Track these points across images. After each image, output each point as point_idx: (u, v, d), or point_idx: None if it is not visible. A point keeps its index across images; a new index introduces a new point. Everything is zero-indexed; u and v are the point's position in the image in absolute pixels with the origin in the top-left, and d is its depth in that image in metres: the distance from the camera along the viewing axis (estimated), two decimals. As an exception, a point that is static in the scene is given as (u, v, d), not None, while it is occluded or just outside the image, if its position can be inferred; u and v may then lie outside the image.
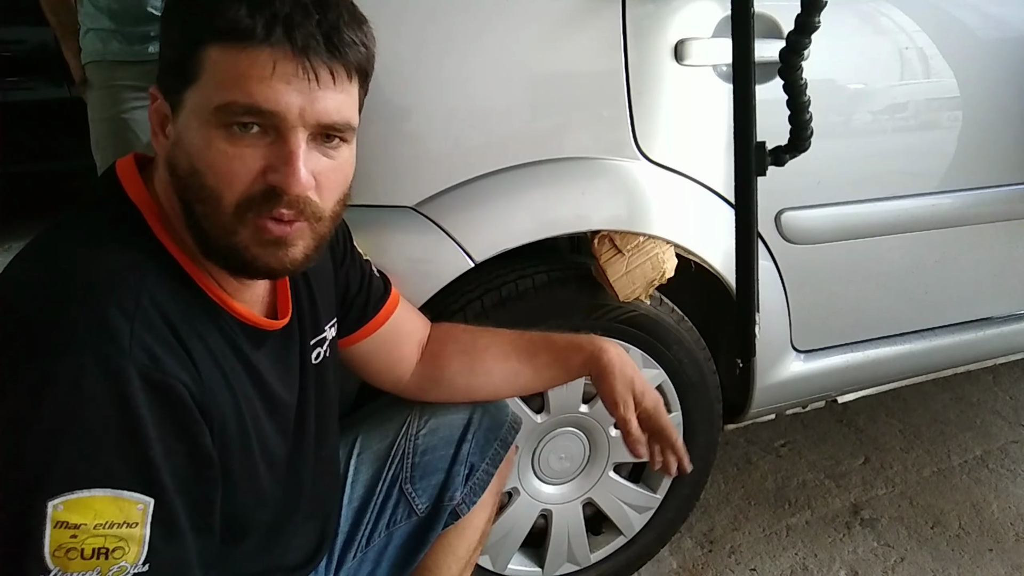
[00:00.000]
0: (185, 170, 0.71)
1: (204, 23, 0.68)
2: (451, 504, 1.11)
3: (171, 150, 0.72)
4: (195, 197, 0.71)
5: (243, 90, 0.68)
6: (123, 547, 0.65)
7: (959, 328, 1.67)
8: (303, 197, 0.71)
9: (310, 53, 0.69)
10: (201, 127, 0.69)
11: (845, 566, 1.66)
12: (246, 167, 0.70)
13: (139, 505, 0.66)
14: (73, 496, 0.63)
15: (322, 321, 0.96)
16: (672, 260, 1.27)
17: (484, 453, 1.13)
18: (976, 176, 1.55)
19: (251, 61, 0.67)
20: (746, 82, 1.12)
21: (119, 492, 0.65)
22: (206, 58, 0.68)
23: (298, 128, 0.70)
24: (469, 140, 1.19)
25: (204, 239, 0.73)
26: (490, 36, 1.17)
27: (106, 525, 0.64)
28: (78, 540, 0.63)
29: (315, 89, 0.70)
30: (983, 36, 1.53)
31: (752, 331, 1.27)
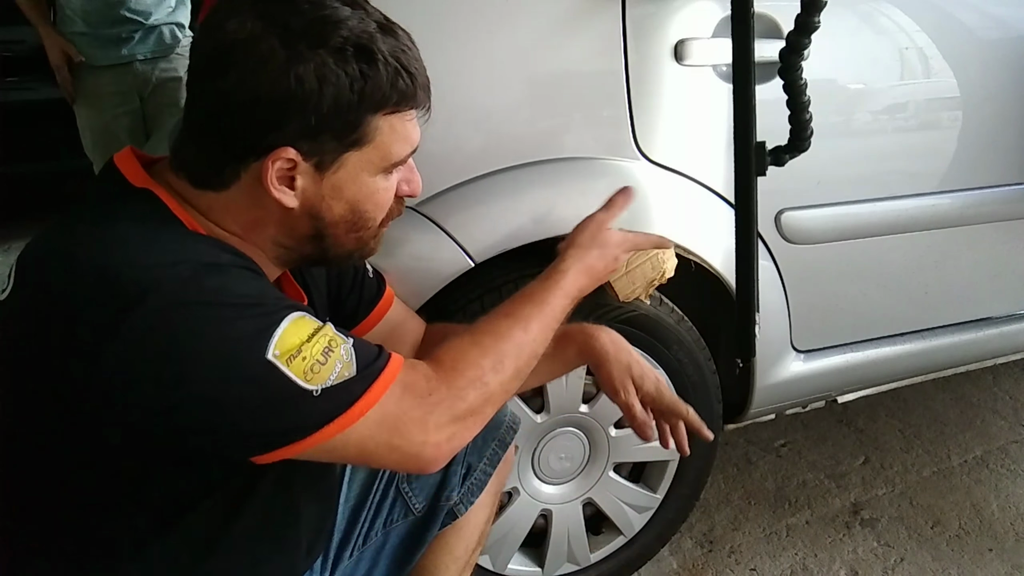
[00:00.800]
0: (343, 213, 0.82)
1: (378, 98, 0.77)
2: (448, 504, 1.11)
3: (317, 201, 0.80)
4: (351, 229, 0.84)
5: (411, 143, 0.83)
6: (331, 341, 0.74)
7: (959, 328, 1.67)
8: None
9: (430, 96, 0.84)
10: (369, 178, 0.81)
11: (845, 566, 1.66)
12: (393, 192, 0.86)
13: (307, 317, 0.75)
14: (275, 337, 0.71)
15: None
16: (672, 260, 1.27)
17: (482, 453, 1.13)
18: (976, 176, 1.55)
19: (412, 121, 0.82)
20: (746, 82, 1.12)
21: (290, 316, 0.73)
22: (376, 126, 0.78)
23: None
24: (469, 140, 1.19)
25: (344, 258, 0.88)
26: (490, 36, 1.17)
27: (309, 337, 0.73)
28: (307, 358, 0.72)
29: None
30: (983, 36, 1.53)
31: (752, 331, 1.27)
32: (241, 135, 0.76)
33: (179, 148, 0.80)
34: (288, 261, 0.87)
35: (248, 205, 0.79)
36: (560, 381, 1.32)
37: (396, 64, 0.77)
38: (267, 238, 0.83)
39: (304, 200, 0.79)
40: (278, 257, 0.85)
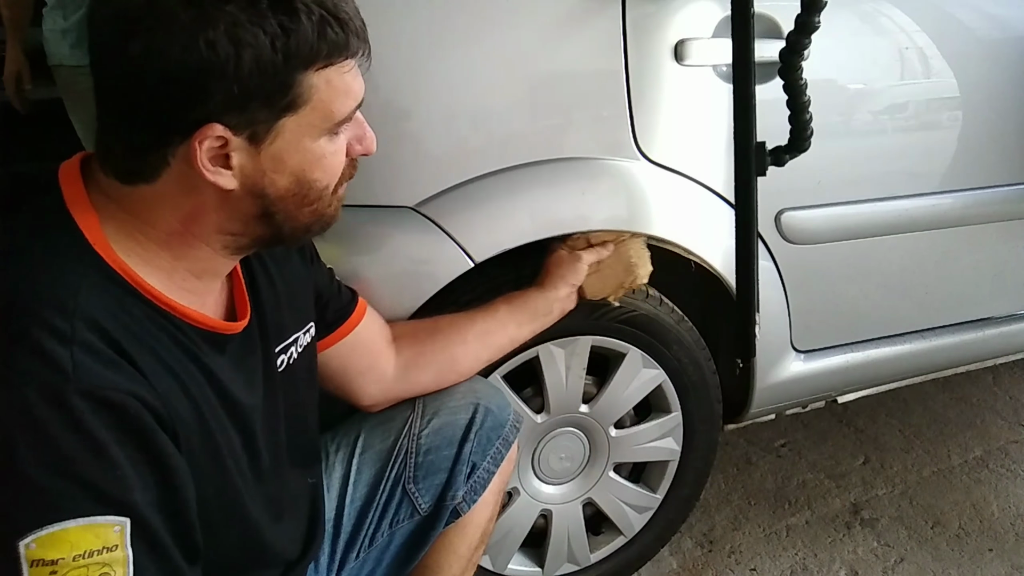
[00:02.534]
0: (288, 185, 0.74)
1: (306, 53, 0.68)
2: (452, 503, 1.11)
3: (258, 178, 0.72)
4: (302, 202, 0.76)
5: (353, 96, 0.74)
6: (109, 572, 0.63)
7: (959, 328, 1.67)
8: None
9: (367, 43, 0.74)
10: (312, 143, 0.73)
11: (845, 566, 1.66)
12: (344, 154, 0.78)
13: (115, 527, 0.64)
14: (43, 532, 0.60)
15: (288, 328, 0.94)
16: (646, 267, 1.25)
17: (486, 452, 1.13)
18: (976, 176, 1.55)
19: (351, 71, 0.73)
20: (746, 82, 1.12)
21: (92, 519, 0.62)
22: (310, 83, 0.70)
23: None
24: (469, 140, 1.19)
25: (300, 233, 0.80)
26: (490, 36, 1.17)
27: (85, 555, 0.62)
28: (59, 575, 0.61)
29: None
30: (983, 36, 1.53)
31: (752, 331, 1.27)
32: (157, 116, 0.67)
33: (98, 140, 0.72)
34: (241, 247, 0.79)
35: (183, 193, 0.71)
36: (560, 381, 1.32)
37: (321, 11, 0.68)
38: (210, 228, 0.74)
39: (244, 179, 0.71)
40: (227, 247, 0.77)
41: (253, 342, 0.88)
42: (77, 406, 0.63)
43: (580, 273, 1.23)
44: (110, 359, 0.66)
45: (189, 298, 0.77)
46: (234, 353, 0.83)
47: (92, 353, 0.65)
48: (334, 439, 1.16)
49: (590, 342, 1.32)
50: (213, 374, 0.79)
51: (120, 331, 0.68)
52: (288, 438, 0.95)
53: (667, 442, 1.45)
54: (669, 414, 1.43)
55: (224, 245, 0.77)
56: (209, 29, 0.64)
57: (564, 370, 1.31)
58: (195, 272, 0.77)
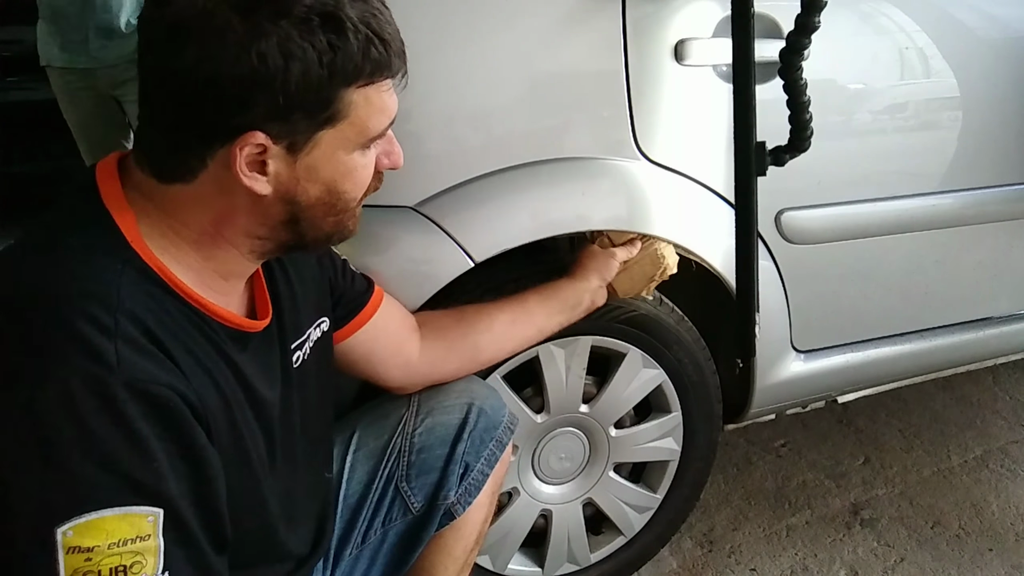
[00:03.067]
0: (320, 194, 0.76)
1: (350, 70, 0.71)
2: (445, 503, 1.11)
3: (292, 185, 0.75)
4: (329, 211, 0.78)
5: (388, 114, 0.77)
6: (140, 560, 0.65)
7: (959, 328, 1.67)
8: None
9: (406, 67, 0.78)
10: (346, 156, 0.76)
11: (845, 566, 1.66)
12: (372, 168, 0.80)
13: (149, 517, 0.66)
14: (81, 520, 0.62)
15: (304, 324, 0.96)
16: (673, 256, 1.27)
17: (479, 453, 1.13)
18: (976, 176, 1.55)
19: (389, 91, 0.76)
20: (746, 82, 1.12)
21: (127, 508, 0.64)
22: (351, 100, 0.73)
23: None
24: (469, 140, 1.19)
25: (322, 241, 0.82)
26: (490, 36, 1.17)
27: (120, 543, 0.64)
28: (93, 563, 0.63)
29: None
30: (983, 36, 1.52)
31: (752, 331, 1.27)
32: (203, 121, 0.69)
33: (139, 139, 0.74)
34: (264, 252, 0.81)
35: (217, 195, 0.73)
36: (560, 381, 1.32)
37: (367, 31, 0.70)
38: (239, 230, 0.77)
39: (278, 185, 0.74)
40: (253, 250, 0.80)
41: (272, 340, 0.90)
42: (120, 398, 0.64)
43: (612, 268, 1.24)
44: (151, 353, 0.68)
45: (217, 297, 0.79)
46: (255, 350, 0.86)
47: (134, 347, 0.67)
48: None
49: (590, 342, 1.32)
50: (239, 369, 0.81)
51: (158, 326, 0.70)
52: (302, 433, 0.96)
53: (667, 442, 1.45)
54: (669, 414, 1.43)
55: (251, 249, 0.80)
56: (262, 41, 0.66)
57: (564, 370, 1.32)
58: (221, 273, 0.80)
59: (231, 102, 0.68)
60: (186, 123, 0.70)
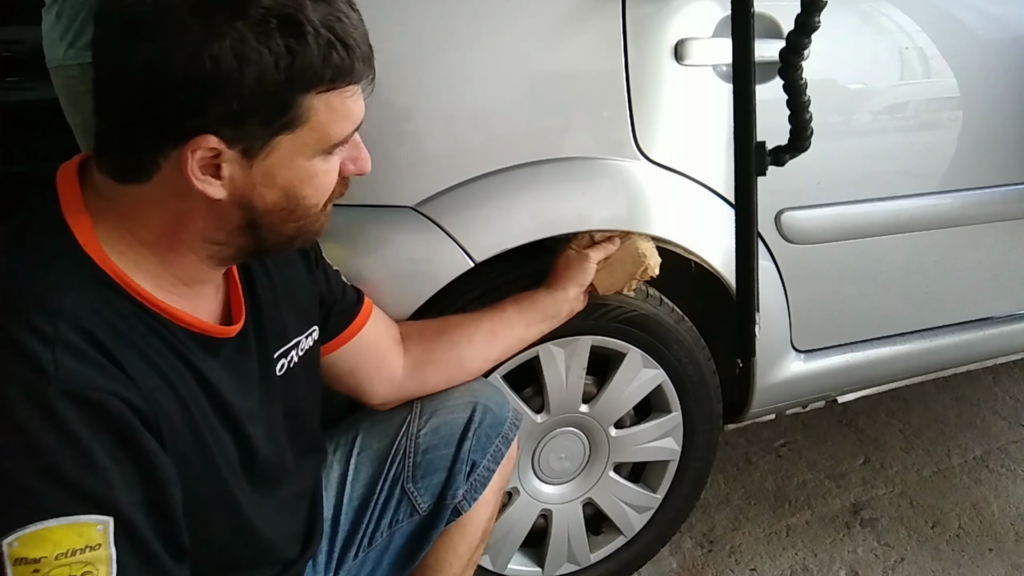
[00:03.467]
0: (277, 200, 0.74)
1: (309, 76, 0.68)
2: (453, 502, 1.11)
3: (248, 190, 0.72)
4: (288, 217, 0.76)
5: (352, 120, 0.75)
6: (91, 571, 0.63)
7: (959, 328, 1.67)
8: None
9: (372, 65, 0.75)
10: (306, 161, 0.74)
11: (845, 566, 1.66)
12: (336, 174, 0.78)
13: (98, 526, 0.64)
14: (27, 531, 0.61)
15: (289, 332, 0.94)
16: (655, 256, 1.25)
17: (486, 450, 1.13)
18: (976, 176, 1.55)
19: (353, 96, 0.74)
20: (746, 82, 1.12)
21: (74, 518, 0.63)
22: (310, 106, 0.70)
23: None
24: (469, 140, 1.19)
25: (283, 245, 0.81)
26: (490, 36, 1.17)
27: (68, 553, 0.62)
28: (42, 574, 0.61)
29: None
30: (983, 36, 1.53)
31: (752, 331, 1.27)
32: (154, 120, 0.67)
33: (96, 137, 0.73)
34: (224, 258, 0.79)
35: (172, 197, 0.71)
36: (560, 381, 1.32)
37: (329, 35, 0.68)
38: (196, 235, 0.75)
39: (232, 190, 0.71)
40: (212, 256, 0.78)
41: (248, 346, 0.88)
42: (59, 407, 0.63)
43: (589, 273, 1.22)
44: (93, 360, 0.67)
45: (179, 302, 0.77)
46: (228, 356, 0.84)
47: (75, 354, 0.65)
48: (332, 438, 1.16)
49: (590, 342, 1.32)
50: (204, 376, 0.79)
51: (107, 332, 0.69)
52: (289, 440, 0.95)
53: (667, 442, 1.45)
54: (669, 414, 1.43)
55: (209, 255, 0.77)
56: (215, 43, 0.64)
57: (564, 370, 1.31)
58: (182, 279, 0.78)
59: (182, 104, 0.66)
60: (138, 121, 0.68)
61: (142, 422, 0.69)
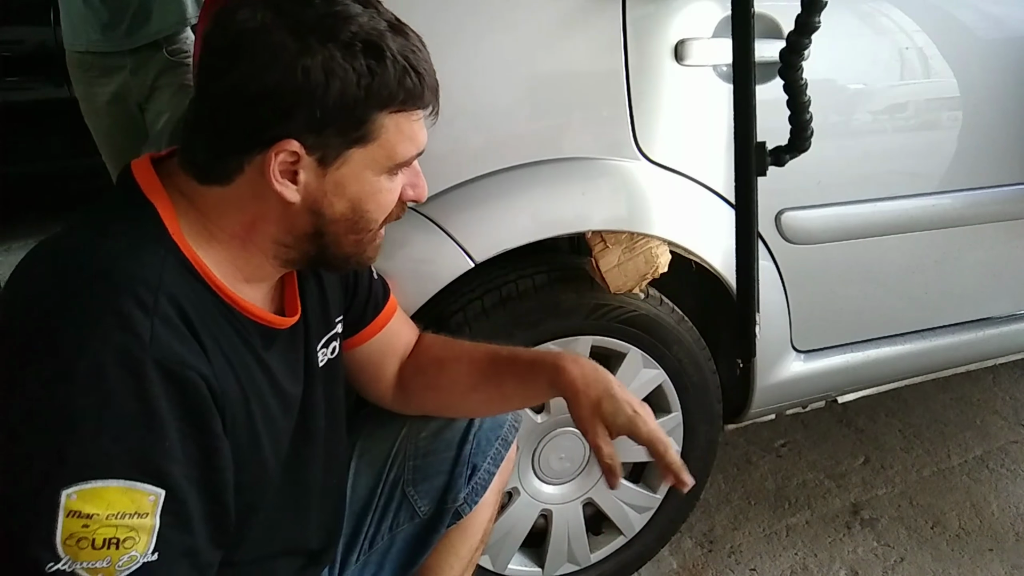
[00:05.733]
0: (344, 211, 0.80)
1: (385, 95, 0.75)
2: (454, 506, 1.11)
3: (319, 197, 0.78)
4: (351, 229, 0.82)
5: (416, 144, 0.81)
6: (134, 537, 0.66)
7: (959, 328, 1.67)
8: None
9: (438, 98, 0.82)
10: (373, 177, 0.80)
11: (845, 566, 1.66)
12: (397, 195, 0.84)
13: (151, 496, 0.67)
14: (88, 486, 0.64)
15: (332, 316, 0.98)
16: (666, 255, 1.27)
17: (486, 453, 1.13)
18: (976, 176, 1.55)
19: (419, 122, 0.81)
20: (746, 82, 1.12)
21: (132, 483, 0.66)
22: (382, 123, 0.77)
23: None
24: (469, 140, 1.19)
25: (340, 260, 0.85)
26: (490, 36, 1.17)
27: (118, 515, 0.65)
28: (90, 530, 0.64)
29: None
30: (983, 36, 1.53)
31: (752, 331, 1.27)
32: (246, 127, 0.74)
33: (186, 141, 0.79)
34: (289, 260, 0.84)
35: (250, 200, 0.78)
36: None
37: (405, 63, 0.76)
38: (268, 236, 0.81)
39: (306, 195, 0.78)
40: (278, 257, 0.83)
41: (298, 338, 0.91)
42: (148, 375, 0.67)
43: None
44: (184, 336, 0.71)
45: (245, 291, 0.82)
46: (281, 347, 0.87)
47: (170, 327, 0.70)
48: None
49: (590, 342, 1.32)
50: (267, 365, 0.84)
51: (193, 311, 0.73)
52: (326, 429, 0.97)
53: (667, 442, 1.45)
54: (669, 414, 1.43)
55: (275, 255, 0.83)
56: (308, 58, 0.72)
57: (564, 370, 1.31)
58: (246, 276, 0.82)
59: (273, 112, 0.73)
60: (231, 129, 0.75)
61: (214, 402, 0.73)
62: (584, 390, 0.97)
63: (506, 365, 1.05)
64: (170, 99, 2.35)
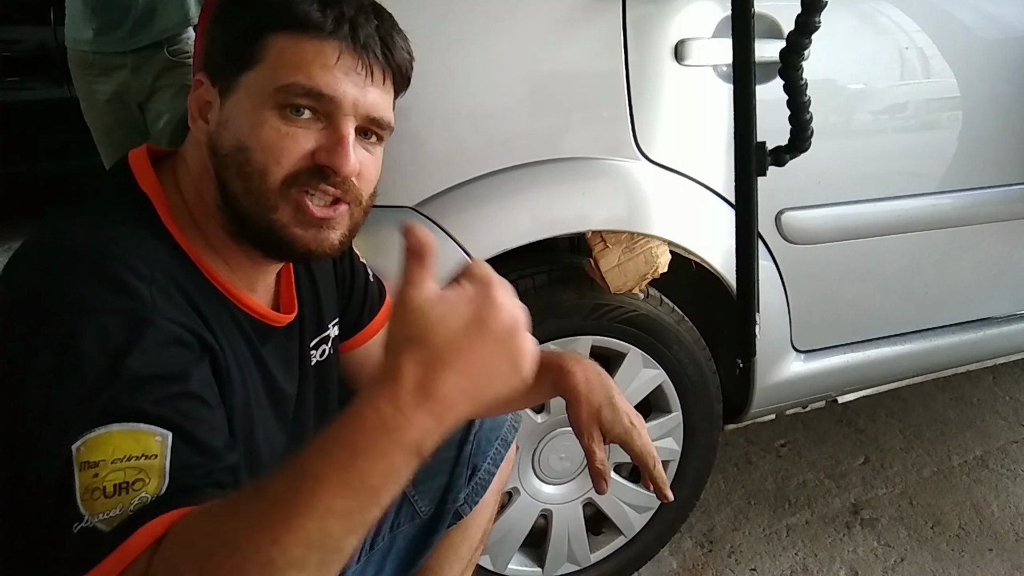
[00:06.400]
0: (230, 148, 0.74)
1: (273, 13, 0.73)
2: (454, 506, 1.12)
3: (215, 132, 0.76)
4: (238, 173, 0.74)
5: (306, 74, 0.73)
6: (143, 479, 0.63)
7: (959, 328, 1.67)
8: (349, 179, 0.76)
9: (368, 51, 0.75)
10: (255, 106, 0.73)
11: (845, 566, 1.66)
12: (297, 145, 0.74)
13: (156, 437, 0.64)
14: (92, 434, 0.62)
15: (326, 320, 0.97)
16: (666, 255, 1.27)
17: (486, 453, 1.13)
18: (976, 176, 1.55)
19: (317, 50, 0.73)
20: (746, 82, 1.12)
21: (136, 425, 0.64)
22: (271, 44, 0.73)
23: (350, 117, 0.75)
24: (469, 140, 1.19)
25: (242, 218, 0.75)
26: (491, 36, 1.17)
27: (124, 459, 0.63)
28: (99, 478, 0.62)
29: (368, 84, 0.76)
30: (983, 36, 1.53)
31: (752, 331, 1.27)
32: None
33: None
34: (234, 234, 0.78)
35: (194, 156, 0.78)
36: (560, 381, 1.32)
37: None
38: (211, 200, 0.77)
39: (210, 132, 0.76)
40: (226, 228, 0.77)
41: (293, 335, 0.91)
42: (149, 328, 0.66)
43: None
44: (183, 306, 0.70)
45: (243, 287, 0.81)
46: (277, 344, 0.87)
47: (168, 297, 0.69)
48: None
49: (590, 342, 1.32)
50: (263, 359, 0.83)
51: (192, 292, 0.73)
52: (315, 427, 0.96)
53: (667, 442, 1.45)
54: (669, 414, 1.43)
55: (223, 226, 0.78)
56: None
57: (564, 370, 1.31)
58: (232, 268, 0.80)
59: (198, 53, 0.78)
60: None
61: (215, 374, 0.72)
62: (586, 395, 0.96)
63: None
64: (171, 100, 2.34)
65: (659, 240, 1.26)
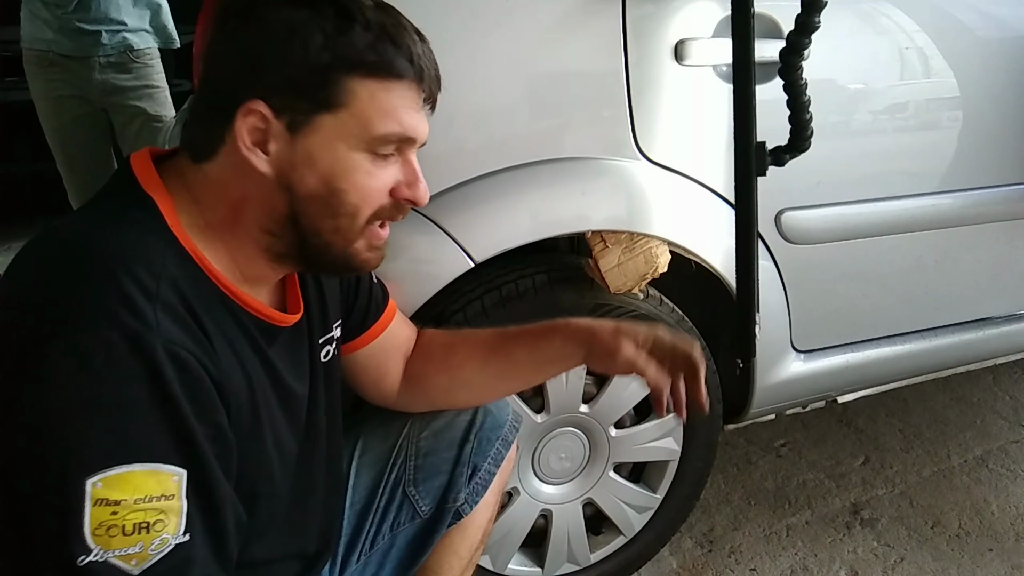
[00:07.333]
0: (316, 188, 0.76)
1: (352, 56, 0.73)
2: (454, 505, 1.11)
3: (289, 170, 0.75)
4: (327, 212, 0.77)
5: (398, 121, 0.76)
6: (163, 519, 0.65)
7: (959, 328, 1.67)
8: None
9: (435, 86, 0.80)
10: (348, 151, 0.76)
11: (845, 566, 1.66)
12: (382, 184, 0.79)
13: (175, 477, 0.66)
14: (112, 472, 0.62)
15: (331, 319, 0.97)
16: (665, 255, 1.27)
17: (486, 453, 1.13)
18: (976, 176, 1.55)
19: (402, 95, 0.77)
20: (746, 82, 1.12)
21: (156, 465, 0.65)
22: (356, 90, 0.74)
23: (416, 149, 0.81)
24: (469, 140, 1.19)
25: (319, 248, 0.80)
26: (490, 36, 1.17)
27: (146, 499, 0.63)
28: (119, 516, 0.62)
29: (429, 114, 0.81)
30: (983, 36, 1.53)
31: (752, 331, 1.27)
32: (222, 89, 0.74)
33: (187, 120, 0.79)
34: (280, 256, 0.81)
35: (233, 176, 0.76)
36: (560, 381, 1.32)
37: (379, 30, 0.74)
38: (254, 223, 0.78)
39: (278, 167, 0.75)
40: (269, 250, 0.80)
41: (301, 335, 0.91)
42: (158, 358, 0.65)
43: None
44: (186, 323, 0.70)
45: (248, 289, 0.81)
46: (285, 344, 0.87)
47: (172, 315, 0.69)
48: None
49: (590, 342, 1.32)
50: (269, 360, 0.83)
51: (195, 300, 0.72)
52: (326, 429, 0.97)
53: (667, 442, 1.45)
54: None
55: (266, 248, 0.80)
56: (274, 15, 0.73)
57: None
58: (244, 273, 0.81)
59: (242, 70, 0.73)
60: (212, 94, 0.76)
61: (218, 393, 0.72)
62: (599, 326, 1.02)
63: (515, 336, 1.08)
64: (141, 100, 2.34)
65: (659, 240, 1.26)
